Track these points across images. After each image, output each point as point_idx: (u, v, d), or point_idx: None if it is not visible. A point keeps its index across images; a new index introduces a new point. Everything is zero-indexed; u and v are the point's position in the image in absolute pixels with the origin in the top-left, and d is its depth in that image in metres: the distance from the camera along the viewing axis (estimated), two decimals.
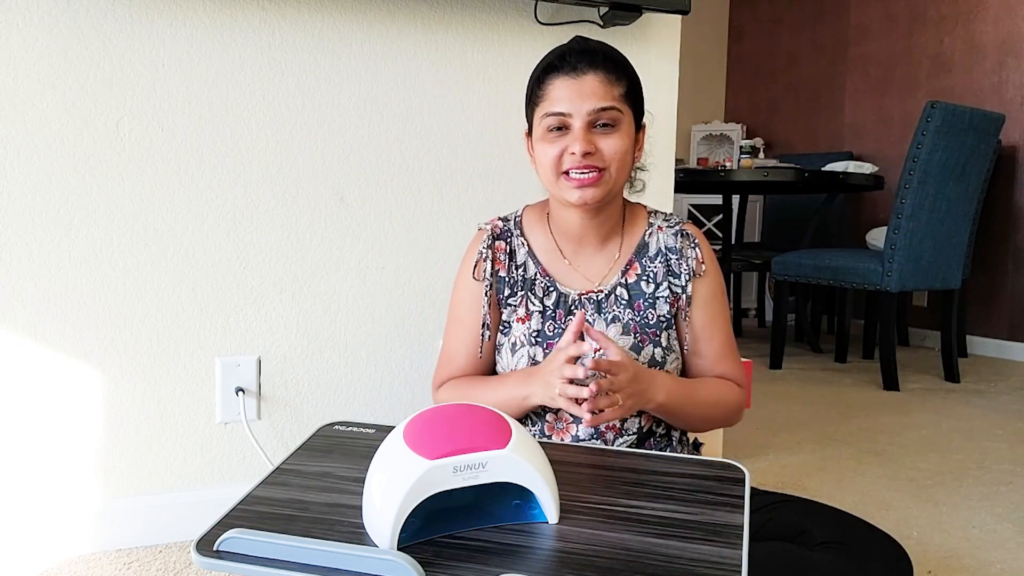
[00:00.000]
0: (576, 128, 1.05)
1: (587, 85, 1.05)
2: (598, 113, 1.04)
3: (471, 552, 0.67)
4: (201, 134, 1.43)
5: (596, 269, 1.17)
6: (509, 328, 1.16)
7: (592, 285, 1.16)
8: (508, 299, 1.16)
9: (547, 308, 1.14)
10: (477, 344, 1.18)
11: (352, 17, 1.52)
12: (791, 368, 3.28)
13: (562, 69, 1.06)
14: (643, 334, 1.12)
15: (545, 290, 1.15)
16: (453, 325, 1.21)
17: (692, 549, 0.68)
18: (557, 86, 1.06)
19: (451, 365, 1.20)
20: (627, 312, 1.13)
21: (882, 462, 2.04)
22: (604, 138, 1.06)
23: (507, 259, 1.17)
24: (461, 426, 0.71)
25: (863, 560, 0.92)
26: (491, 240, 1.18)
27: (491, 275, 1.16)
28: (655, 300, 1.14)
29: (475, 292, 1.17)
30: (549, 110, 1.06)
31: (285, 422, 1.54)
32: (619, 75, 1.07)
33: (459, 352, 1.19)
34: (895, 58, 4.15)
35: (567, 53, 1.07)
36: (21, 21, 1.30)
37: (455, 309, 1.21)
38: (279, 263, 1.51)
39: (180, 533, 1.45)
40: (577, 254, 1.17)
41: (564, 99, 1.05)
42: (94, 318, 1.38)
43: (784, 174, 3.20)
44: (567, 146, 1.05)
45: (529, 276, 1.16)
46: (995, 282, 3.69)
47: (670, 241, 1.17)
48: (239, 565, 0.63)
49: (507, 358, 1.15)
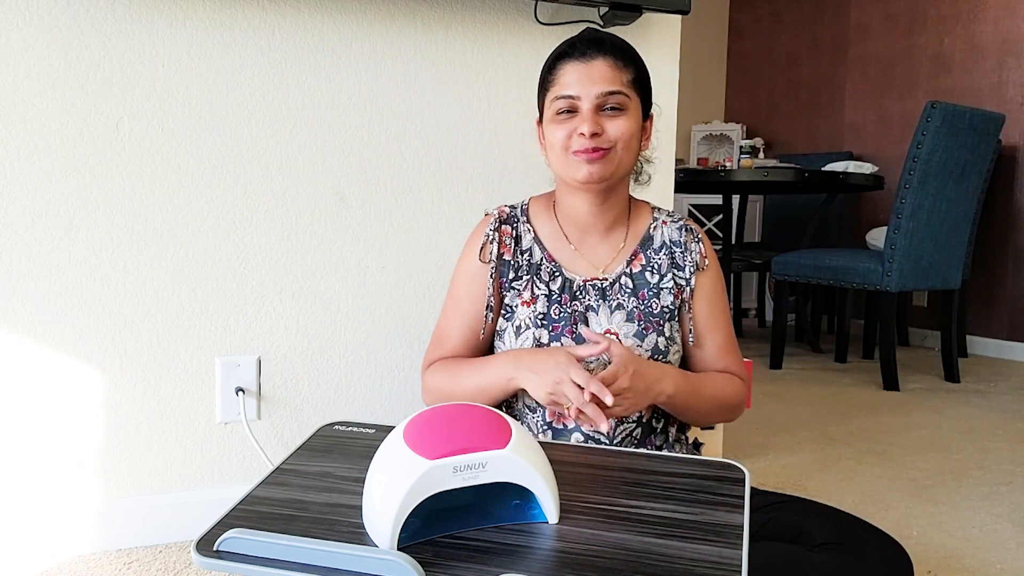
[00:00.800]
0: (584, 110, 1.08)
1: (596, 69, 1.08)
2: (606, 97, 1.07)
3: (471, 552, 0.67)
4: (201, 134, 1.43)
5: (601, 256, 1.18)
6: (512, 312, 1.16)
7: (597, 272, 1.17)
8: (512, 283, 1.17)
9: (553, 292, 1.15)
10: (472, 326, 1.19)
11: (352, 17, 1.52)
12: (791, 368, 3.28)
13: (572, 55, 1.10)
14: (647, 322, 1.14)
15: (551, 274, 1.16)
16: (450, 306, 1.22)
17: (692, 549, 0.68)
18: (567, 71, 1.10)
19: (443, 346, 1.21)
20: (631, 300, 1.15)
21: (882, 462, 2.04)
22: (611, 120, 1.08)
23: (513, 243, 1.18)
24: (461, 426, 0.71)
25: (863, 560, 0.92)
26: (498, 224, 1.19)
27: (496, 257, 1.17)
28: (659, 291, 1.16)
29: (478, 274, 1.18)
30: (559, 93, 1.09)
31: (285, 422, 1.54)
32: (627, 62, 1.11)
33: (452, 333, 1.20)
34: (895, 58, 4.15)
35: (578, 41, 1.11)
36: (21, 21, 1.30)
37: (454, 290, 1.21)
38: (279, 263, 1.51)
39: (180, 533, 1.45)
40: (583, 241, 1.19)
41: (573, 83, 1.08)
42: (94, 318, 1.38)
43: (784, 174, 3.20)
44: (576, 127, 1.08)
45: (535, 261, 1.18)
46: (995, 282, 3.69)
47: (674, 235, 1.19)
48: (239, 565, 0.63)
49: (510, 341, 1.15)
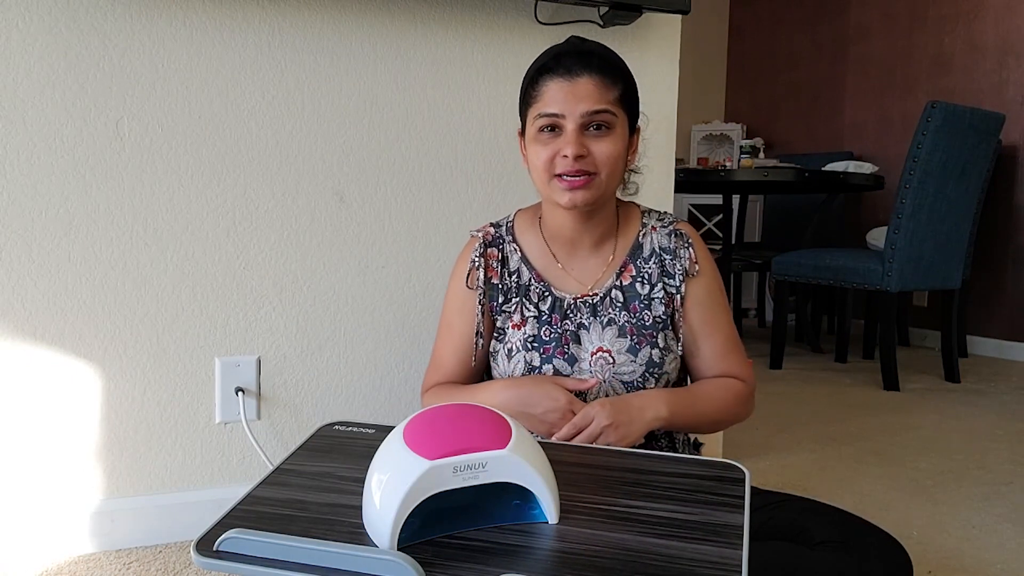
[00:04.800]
0: (569, 130, 1.04)
1: (581, 88, 1.04)
2: (591, 116, 1.04)
3: (471, 552, 0.67)
4: (201, 134, 1.43)
5: (590, 272, 1.16)
6: (504, 335, 1.15)
7: (586, 288, 1.15)
8: (502, 306, 1.16)
9: (542, 313, 1.14)
10: (466, 351, 1.18)
11: (352, 17, 1.52)
12: (791, 368, 3.28)
13: (556, 71, 1.05)
14: (640, 336, 1.12)
15: (540, 295, 1.15)
16: (444, 331, 1.21)
17: (692, 549, 0.68)
18: (551, 87, 1.05)
19: (440, 371, 1.20)
20: (623, 315, 1.13)
21: (882, 462, 2.04)
22: (597, 141, 1.05)
23: (499, 266, 1.17)
24: (461, 426, 0.71)
25: (863, 560, 0.92)
26: (483, 248, 1.17)
27: (484, 283, 1.16)
28: (651, 301, 1.14)
29: (467, 300, 1.17)
30: (542, 111, 1.05)
31: (285, 422, 1.54)
32: (615, 78, 1.06)
33: (448, 358, 1.19)
34: (895, 58, 4.15)
35: (562, 54, 1.06)
36: (21, 21, 1.30)
37: (447, 315, 1.21)
38: (279, 263, 1.51)
39: (180, 533, 1.45)
40: (571, 257, 1.17)
41: (558, 100, 1.04)
42: (94, 318, 1.38)
43: (784, 174, 3.20)
44: (559, 149, 1.04)
45: (523, 282, 1.16)
46: (995, 282, 3.69)
47: (664, 241, 1.16)
48: (239, 565, 0.63)
49: (503, 364, 1.15)
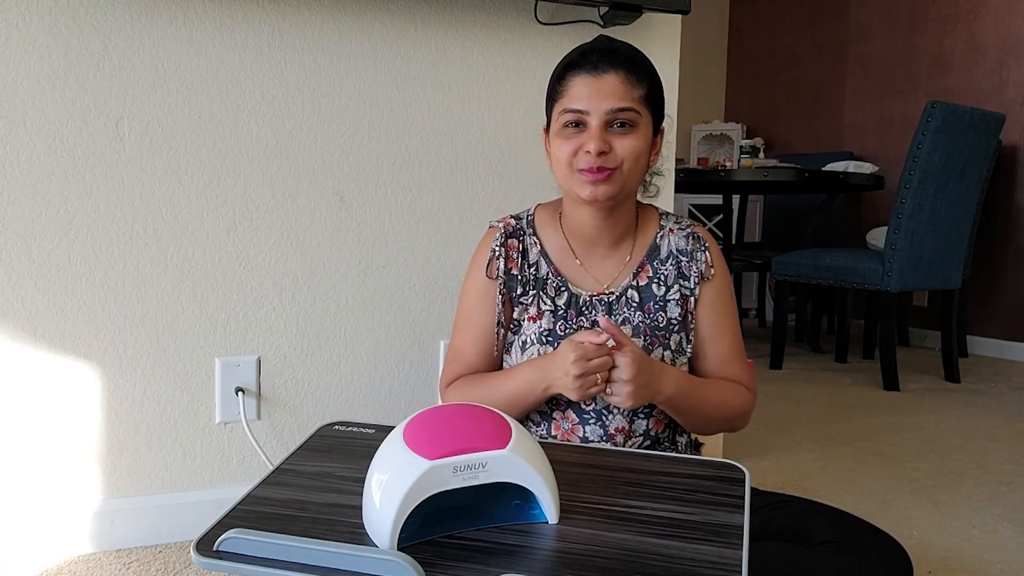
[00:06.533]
0: (593, 126, 1.04)
1: (607, 84, 1.04)
2: (616, 113, 1.04)
3: (471, 552, 0.67)
4: (201, 134, 1.43)
5: (607, 271, 1.16)
6: (519, 327, 1.15)
7: (603, 287, 1.15)
8: (520, 297, 1.16)
9: (559, 308, 1.14)
10: (487, 342, 1.17)
11: (352, 17, 1.52)
12: (791, 368, 3.28)
13: (583, 67, 1.06)
14: (653, 337, 1.12)
15: (557, 290, 1.15)
16: (463, 323, 1.20)
17: (692, 549, 0.68)
18: (577, 83, 1.06)
19: (460, 363, 1.19)
20: (637, 315, 1.13)
21: (882, 462, 2.04)
22: (620, 138, 1.05)
23: (519, 257, 1.16)
24: (461, 426, 0.71)
25: (863, 560, 0.92)
26: (504, 238, 1.17)
27: (504, 273, 1.16)
28: (666, 303, 1.14)
29: (487, 290, 1.16)
30: (567, 107, 1.06)
31: (285, 422, 1.54)
32: (640, 77, 1.06)
33: (468, 350, 1.18)
34: (895, 58, 4.15)
35: (590, 51, 1.07)
36: (21, 21, 1.30)
37: (465, 306, 1.19)
38: (279, 263, 1.51)
39: (180, 533, 1.45)
40: (589, 255, 1.17)
41: (583, 96, 1.05)
42: (94, 318, 1.38)
43: (784, 174, 3.20)
44: (582, 144, 1.05)
45: (541, 275, 1.16)
46: (995, 282, 3.69)
47: (681, 243, 1.17)
48: (239, 565, 0.63)
49: (516, 356, 1.14)
